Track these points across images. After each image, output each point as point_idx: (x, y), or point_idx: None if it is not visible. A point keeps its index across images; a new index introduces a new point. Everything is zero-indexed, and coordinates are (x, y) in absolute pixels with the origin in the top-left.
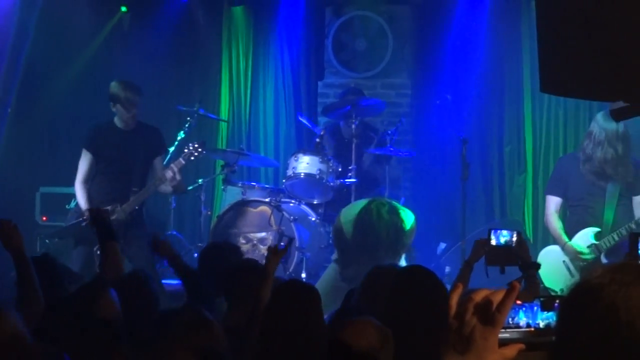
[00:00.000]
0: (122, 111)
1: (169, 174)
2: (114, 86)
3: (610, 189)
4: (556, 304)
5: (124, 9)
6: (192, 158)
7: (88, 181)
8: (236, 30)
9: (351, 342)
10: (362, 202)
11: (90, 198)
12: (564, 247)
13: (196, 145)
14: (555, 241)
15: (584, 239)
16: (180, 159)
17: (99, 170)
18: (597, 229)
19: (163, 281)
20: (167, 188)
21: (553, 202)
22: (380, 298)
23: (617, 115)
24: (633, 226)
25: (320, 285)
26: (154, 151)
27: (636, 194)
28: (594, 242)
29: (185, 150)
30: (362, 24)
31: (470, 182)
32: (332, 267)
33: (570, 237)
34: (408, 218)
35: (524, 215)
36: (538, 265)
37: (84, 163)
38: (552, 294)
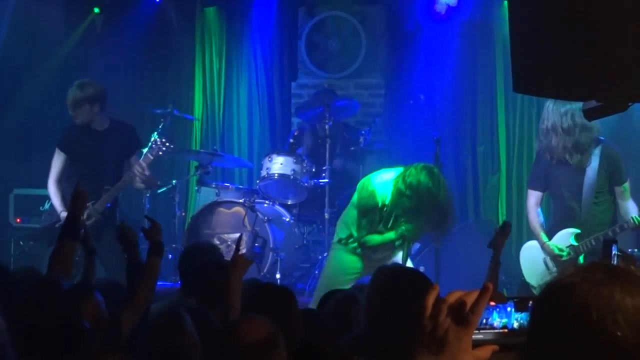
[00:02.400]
0: None
1: (137, 169)
2: None
3: (587, 181)
4: (530, 305)
5: (96, 10)
6: (161, 153)
7: (61, 181)
8: (209, 31)
9: (246, 337)
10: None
11: (63, 198)
12: (542, 247)
13: (163, 140)
14: (534, 236)
15: (564, 239)
16: (148, 155)
17: (72, 171)
18: (577, 230)
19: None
20: (139, 184)
21: (534, 196)
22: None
23: (589, 115)
24: (610, 234)
25: (333, 268)
26: (127, 149)
27: (616, 184)
28: (574, 243)
29: (153, 146)
30: (335, 25)
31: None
32: (337, 248)
33: (551, 235)
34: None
35: (498, 215)
36: None
37: (56, 163)
38: (532, 289)
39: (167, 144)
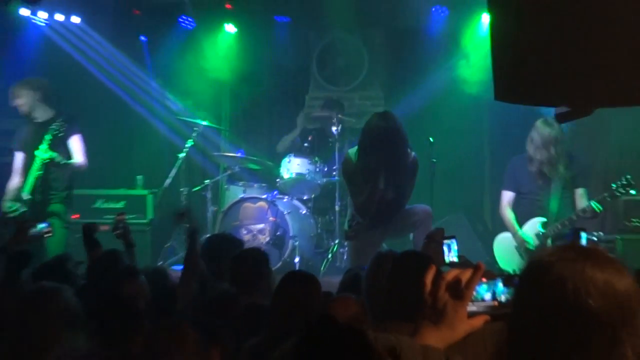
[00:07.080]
0: None
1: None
2: None
3: (555, 183)
4: (515, 280)
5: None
6: (60, 135)
7: (15, 179)
8: (234, 53)
9: (338, 314)
10: None
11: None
12: (514, 236)
13: (62, 122)
14: (508, 229)
15: (533, 227)
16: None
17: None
18: (544, 219)
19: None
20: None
21: (507, 196)
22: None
23: (559, 119)
24: (574, 217)
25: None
26: (63, 136)
27: (577, 187)
28: (542, 230)
29: (53, 126)
30: (341, 45)
31: (437, 179)
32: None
33: (520, 225)
34: None
35: (483, 208)
36: None
37: (14, 163)
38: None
39: (64, 124)
